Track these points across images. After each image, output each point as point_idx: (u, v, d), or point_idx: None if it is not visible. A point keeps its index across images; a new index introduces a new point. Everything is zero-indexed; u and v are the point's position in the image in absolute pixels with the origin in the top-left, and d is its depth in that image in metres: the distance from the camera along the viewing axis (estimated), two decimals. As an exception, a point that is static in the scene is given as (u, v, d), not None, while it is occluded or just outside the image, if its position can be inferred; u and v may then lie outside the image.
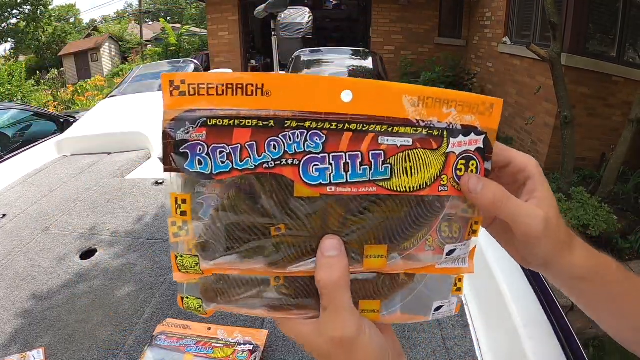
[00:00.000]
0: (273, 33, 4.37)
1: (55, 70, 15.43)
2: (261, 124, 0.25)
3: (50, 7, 20.82)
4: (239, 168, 0.25)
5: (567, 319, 0.79)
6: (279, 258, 0.27)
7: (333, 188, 0.26)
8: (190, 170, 0.25)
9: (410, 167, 0.27)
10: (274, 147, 0.25)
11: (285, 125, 0.25)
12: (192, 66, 3.16)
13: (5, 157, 2.17)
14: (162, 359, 0.81)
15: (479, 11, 7.02)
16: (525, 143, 5.09)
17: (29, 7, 19.81)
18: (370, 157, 0.26)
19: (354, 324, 0.29)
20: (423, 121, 0.27)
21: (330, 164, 0.26)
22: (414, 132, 0.27)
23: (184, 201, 0.26)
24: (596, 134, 4.37)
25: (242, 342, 0.85)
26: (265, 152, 0.25)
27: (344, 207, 0.27)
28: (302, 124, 0.25)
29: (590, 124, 4.32)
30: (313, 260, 0.27)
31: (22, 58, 20.35)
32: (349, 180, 0.26)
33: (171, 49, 15.11)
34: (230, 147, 0.25)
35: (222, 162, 0.25)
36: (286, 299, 0.29)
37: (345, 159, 0.26)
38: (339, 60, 3.33)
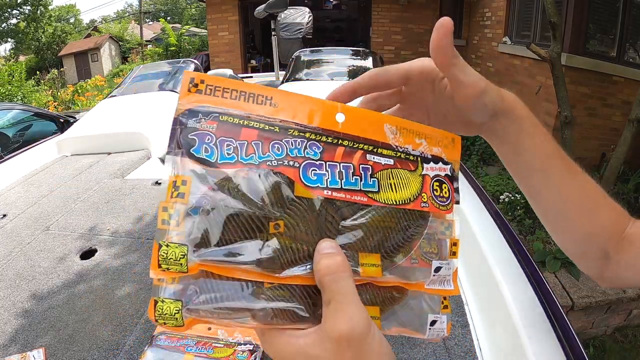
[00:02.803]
0: (273, 33, 4.38)
1: (55, 70, 15.41)
2: (267, 128, 0.27)
3: (50, 7, 20.83)
4: (243, 161, 0.26)
5: (567, 319, 0.79)
6: (274, 257, 0.26)
7: (329, 192, 0.27)
8: (196, 155, 0.25)
9: (394, 183, 0.30)
10: (278, 149, 0.27)
11: (289, 133, 0.27)
12: (192, 66, 3.15)
13: (6, 157, 2.17)
14: (162, 359, 0.81)
15: (479, 11, 7.02)
16: (525, 143, 5.09)
17: (29, 7, 19.81)
18: (361, 170, 0.29)
19: (364, 318, 0.26)
20: (400, 147, 0.31)
21: (327, 171, 0.28)
22: (394, 154, 0.30)
23: (184, 182, 0.25)
24: (596, 134, 4.37)
25: (242, 342, 0.85)
26: (269, 152, 0.27)
27: (338, 214, 0.28)
28: (303, 134, 0.28)
29: (590, 124, 4.32)
30: (308, 266, 0.27)
31: (22, 58, 20.35)
32: (343, 187, 0.28)
33: (171, 49, 15.11)
34: (237, 142, 0.26)
35: (228, 154, 0.26)
36: (278, 308, 0.27)
37: (340, 168, 0.28)
38: (339, 60, 3.32)
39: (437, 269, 0.31)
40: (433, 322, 0.32)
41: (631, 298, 2.50)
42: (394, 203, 0.29)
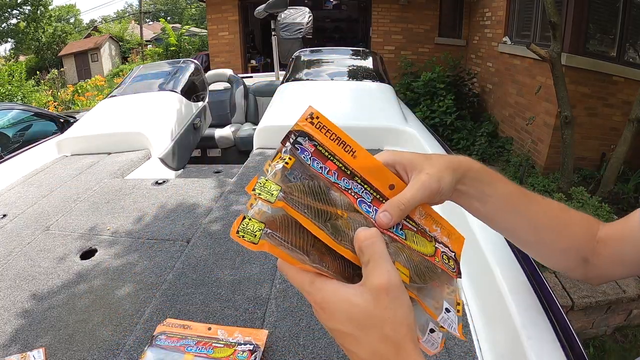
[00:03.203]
0: (273, 33, 4.38)
1: (56, 70, 15.37)
2: (343, 168, 0.39)
3: (50, 7, 20.82)
4: (324, 174, 0.38)
5: (567, 319, 0.79)
6: (336, 225, 0.35)
7: (373, 220, 0.38)
8: (298, 154, 0.37)
9: (416, 241, 0.39)
10: (346, 182, 0.39)
11: (355, 178, 0.39)
12: (192, 66, 3.14)
13: (6, 157, 2.17)
14: (162, 359, 0.81)
15: (479, 11, 7.02)
16: (525, 143, 5.09)
17: (29, 7, 19.80)
18: None
19: (398, 275, 0.32)
20: (421, 226, 0.41)
21: (373, 210, 0.38)
22: (416, 226, 0.40)
23: (290, 158, 0.37)
24: (596, 134, 4.36)
25: (242, 342, 0.85)
26: (340, 180, 0.38)
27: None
28: (364, 185, 0.39)
29: (590, 124, 4.32)
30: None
31: (22, 58, 20.34)
32: None
33: (171, 49, 15.11)
34: (322, 164, 0.38)
35: (316, 167, 0.38)
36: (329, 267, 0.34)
37: None
38: (339, 60, 3.31)
39: (447, 310, 0.38)
40: (432, 330, 0.39)
41: (631, 298, 2.50)
42: (417, 250, 0.38)
